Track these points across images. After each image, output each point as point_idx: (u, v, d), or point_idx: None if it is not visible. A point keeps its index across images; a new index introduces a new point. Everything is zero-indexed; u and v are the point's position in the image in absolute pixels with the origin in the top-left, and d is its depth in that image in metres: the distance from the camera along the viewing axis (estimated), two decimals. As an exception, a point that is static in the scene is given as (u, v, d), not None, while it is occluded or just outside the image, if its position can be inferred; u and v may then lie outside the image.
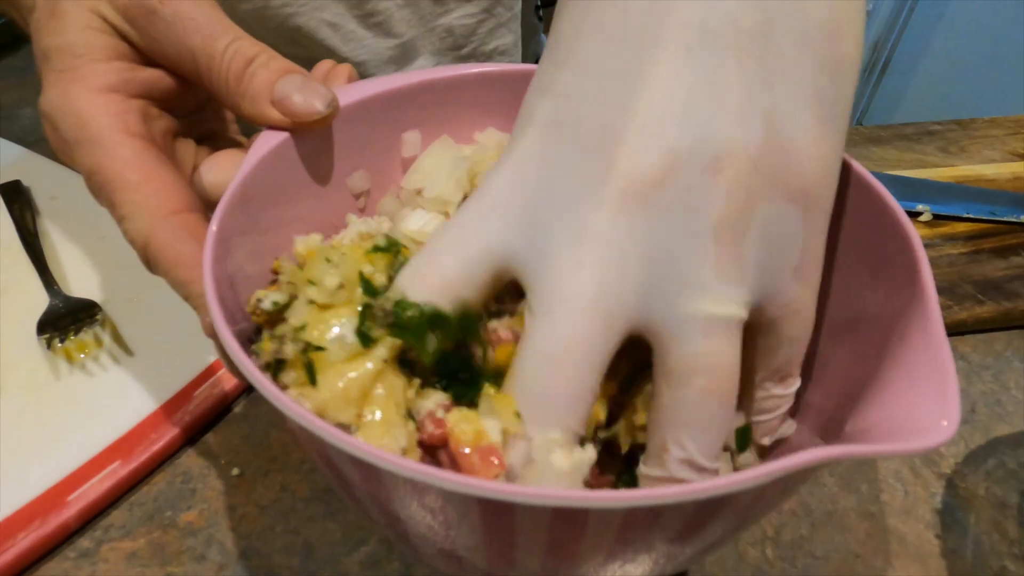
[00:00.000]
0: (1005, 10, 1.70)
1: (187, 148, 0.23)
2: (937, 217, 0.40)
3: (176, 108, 0.22)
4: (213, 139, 0.25)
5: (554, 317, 0.14)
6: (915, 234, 0.16)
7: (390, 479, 0.12)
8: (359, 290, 0.16)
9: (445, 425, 0.15)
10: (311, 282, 0.16)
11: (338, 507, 0.26)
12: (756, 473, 0.11)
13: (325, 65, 0.24)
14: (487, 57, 0.52)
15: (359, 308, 0.16)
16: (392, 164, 0.25)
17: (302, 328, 0.16)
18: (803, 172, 0.14)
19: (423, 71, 0.24)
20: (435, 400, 0.16)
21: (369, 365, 0.15)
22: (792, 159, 0.14)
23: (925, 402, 0.13)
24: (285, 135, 0.20)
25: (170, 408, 0.28)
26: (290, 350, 0.16)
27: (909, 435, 0.13)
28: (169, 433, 0.27)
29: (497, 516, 0.12)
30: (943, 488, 0.27)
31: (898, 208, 0.17)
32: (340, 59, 0.46)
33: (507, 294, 0.17)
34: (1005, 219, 0.40)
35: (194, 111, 0.24)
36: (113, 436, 0.26)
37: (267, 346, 0.16)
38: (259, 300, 0.17)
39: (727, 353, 0.14)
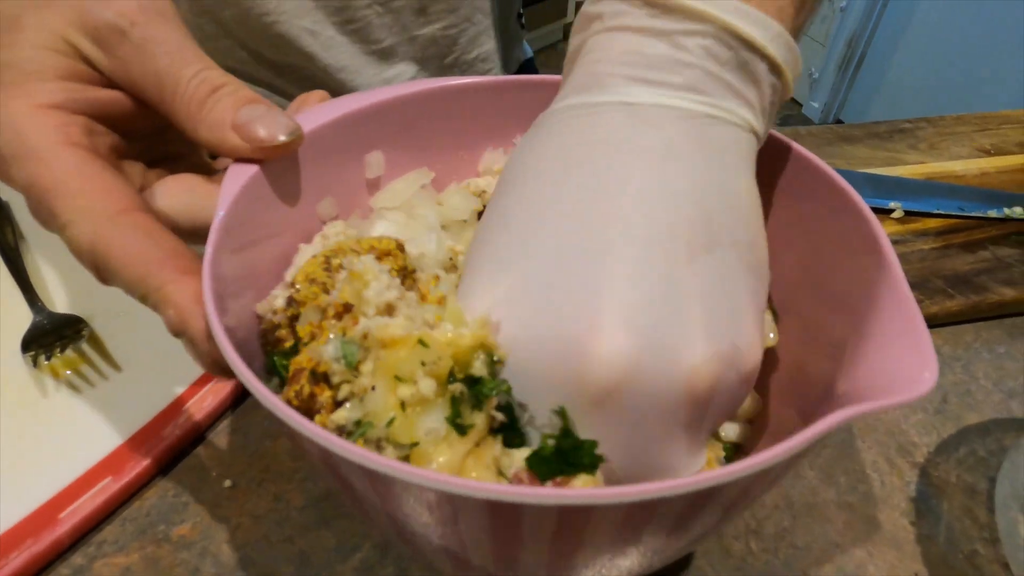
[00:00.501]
0: (971, 9, 1.74)
1: (134, 169, 0.22)
2: (908, 213, 0.41)
3: (131, 130, 0.22)
4: (173, 161, 0.24)
5: None
6: (872, 217, 0.18)
7: (405, 489, 0.13)
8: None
9: (535, 479, 0.16)
10: (399, 379, 0.15)
11: (332, 514, 0.26)
12: (776, 452, 0.12)
13: (298, 101, 0.24)
14: (470, 65, 0.52)
15: (449, 397, 0.15)
16: (359, 188, 0.25)
17: (383, 420, 0.15)
18: (750, 370, 0.17)
19: (386, 88, 0.24)
20: (520, 456, 0.16)
21: (462, 448, 0.15)
22: (742, 354, 0.16)
23: (906, 358, 0.15)
24: (255, 167, 0.20)
25: (160, 422, 0.28)
26: (373, 436, 0.15)
27: (899, 389, 0.14)
28: (159, 447, 0.27)
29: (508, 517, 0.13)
30: (917, 477, 0.28)
31: (856, 196, 0.19)
32: (321, 65, 0.47)
33: None
34: (973, 215, 0.41)
35: (152, 134, 0.23)
36: (103, 452, 0.26)
37: (326, 420, 0.16)
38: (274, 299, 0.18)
39: None
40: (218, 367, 0.18)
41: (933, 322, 0.35)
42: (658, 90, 0.16)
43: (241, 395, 0.30)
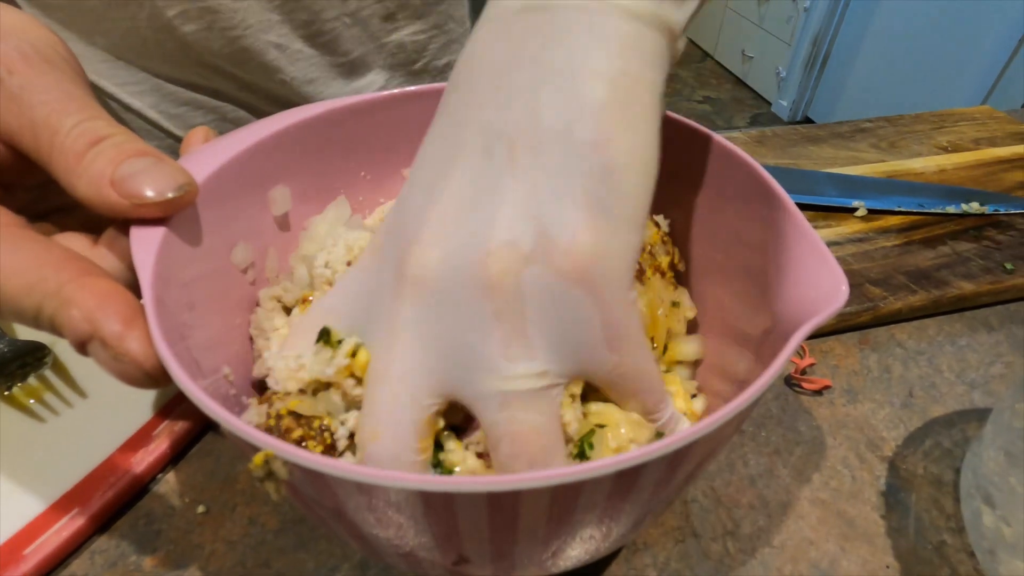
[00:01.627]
0: (928, 10, 1.80)
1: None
2: (872, 212, 0.42)
3: (11, 183, 0.20)
4: (62, 214, 0.22)
5: (372, 390, 0.18)
6: (768, 176, 0.21)
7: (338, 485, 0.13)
8: None
9: None
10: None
11: (309, 536, 0.26)
12: (748, 395, 0.14)
13: (183, 144, 0.23)
14: (440, 72, 0.52)
15: None
16: (268, 228, 0.24)
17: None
18: (575, 260, 0.16)
19: (283, 114, 0.23)
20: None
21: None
22: (561, 249, 0.16)
23: (822, 279, 0.17)
24: (161, 229, 0.18)
25: (128, 449, 0.27)
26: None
27: (823, 306, 0.16)
28: (129, 475, 0.26)
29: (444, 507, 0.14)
30: (886, 471, 0.29)
31: (755, 164, 0.21)
32: (288, 78, 0.46)
33: None
34: (932, 211, 0.42)
35: (36, 187, 0.21)
36: (69, 483, 0.26)
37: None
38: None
39: (527, 420, 0.16)
40: (141, 371, 0.16)
41: (897, 317, 0.36)
42: None
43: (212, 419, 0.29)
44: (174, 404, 0.29)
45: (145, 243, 0.18)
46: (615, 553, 0.25)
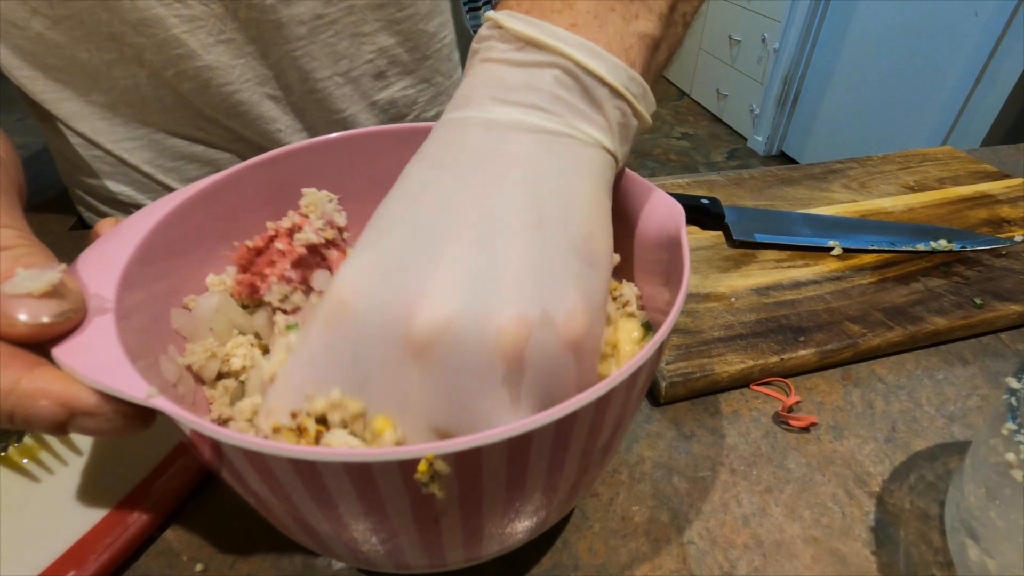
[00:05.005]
0: (891, 52, 1.90)
1: None
2: (846, 251, 0.44)
3: None
4: None
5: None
6: (679, 211, 0.24)
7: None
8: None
9: None
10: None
11: (308, 592, 0.25)
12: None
13: (92, 235, 0.23)
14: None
15: None
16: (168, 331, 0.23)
17: None
18: (572, 334, 0.18)
19: (185, 188, 0.23)
20: None
21: None
22: (561, 326, 0.18)
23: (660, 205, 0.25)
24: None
25: (125, 508, 0.27)
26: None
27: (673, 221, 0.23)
28: (125, 535, 0.26)
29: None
30: (874, 506, 0.29)
31: (667, 200, 0.25)
32: (283, 127, 0.48)
33: None
34: (903, 248, 0.45)
35: None
36: (64, 545, 0.25)
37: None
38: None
39: None
40: (134, 419, 0.17)
41: (877, 353, 0.37)
42: (513, 108, 0.20)
43: (209, 474, 0.29)
44: (169, 461, 0.29)
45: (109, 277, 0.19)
46: (615, 599, 0.26)
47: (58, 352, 0.17)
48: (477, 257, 0.17)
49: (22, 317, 0.16)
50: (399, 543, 0.18)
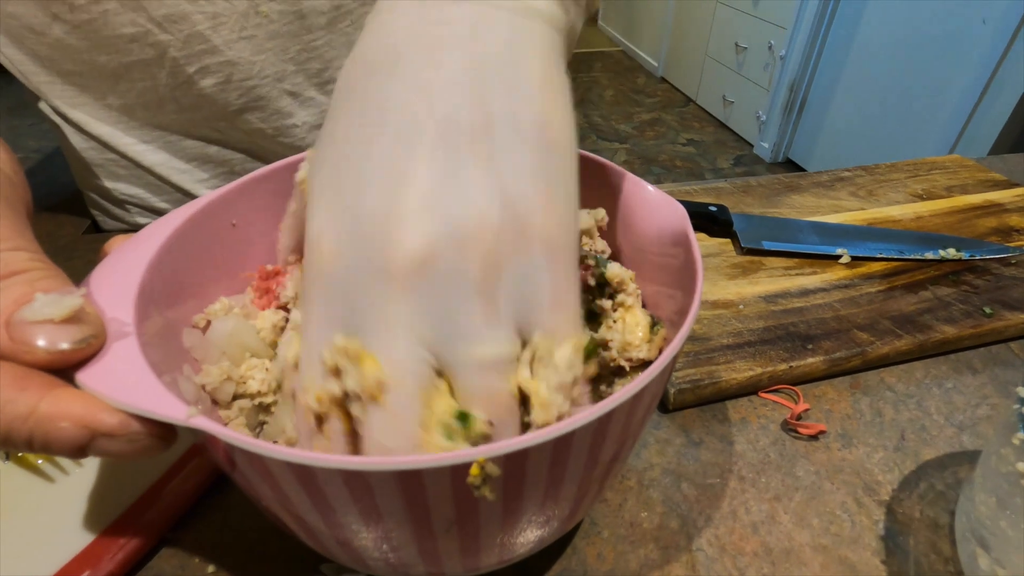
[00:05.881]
0: (897, 58, 1.90)
1: None
2: (855, 258, 0.44)
3: None
4: None
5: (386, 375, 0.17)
6: (681, 210, 0.24)
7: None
8: None
9: None
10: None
11: (319, 595, 0.26)
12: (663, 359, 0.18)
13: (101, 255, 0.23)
14: None
15: None
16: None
17: None
18: (541, 228, 0.17)
19: (178, 210, 0.23)
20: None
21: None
22: (527, 221, 0.17)
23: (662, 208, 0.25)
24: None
25: (139, 508, 0.27)
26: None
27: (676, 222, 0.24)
28: (139, 536, 0.26)
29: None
30: (884, 515, 0.29)
31: (668, 201, 0.25)
32: (298, 123, 0.48)
33: None
34: (912, 257, 0.45)
35: None
36: (79, 546, 0.26)
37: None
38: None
39: (499, 384, 0.17)
40: (157, 440, 0.17)
41: (885, 361, 0.37)
42: None
43: (221, 476, 0.30)
44: (182, 464, 0.29)
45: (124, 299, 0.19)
46: (624, 605, 0.26)
47: (83, 377, 0.17)
48: (436, 173, 0.17)
49: (41, 344, 0.16)
50: (436, 549, 0.18)
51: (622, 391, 0.16)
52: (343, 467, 0.14)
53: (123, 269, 0.20)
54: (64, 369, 0.17)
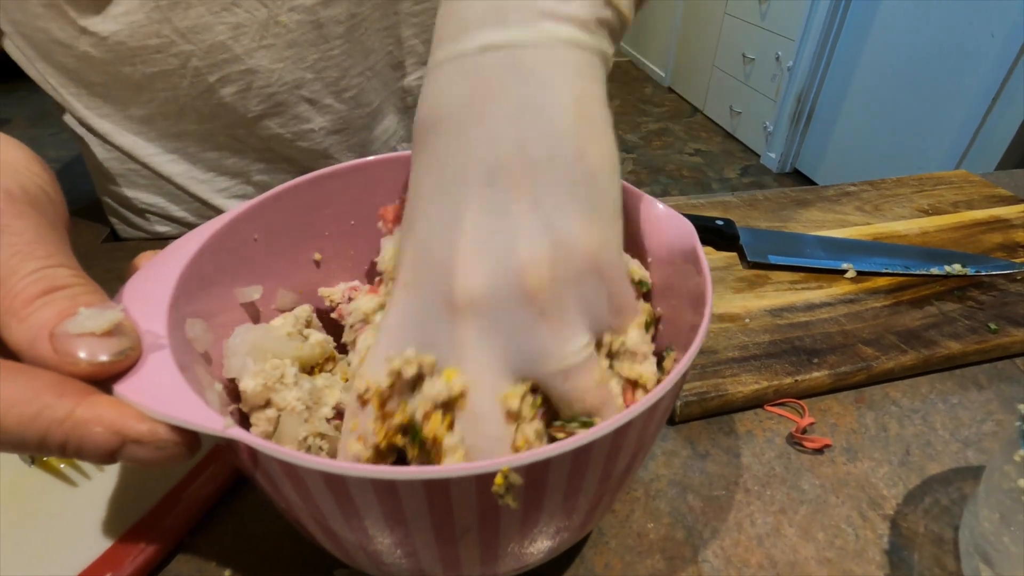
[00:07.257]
0: (905, 72, 1.90)
1: None
2: (860, 273, 0.45)
3: None
4: None
5: (473, 388, 0.20)
6: (690, 227, 0.25)
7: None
8: None
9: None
10: None
11: (333, 600, 0.26)
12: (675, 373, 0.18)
13: (131, 270, 0.23)
14: None
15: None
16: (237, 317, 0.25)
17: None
18: (586, 253, 0.19)
19: (220, 218, 0.24)
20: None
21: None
22: (574, 249, 0.19)
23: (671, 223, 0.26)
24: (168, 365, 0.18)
25: (158, 513, 0.28)
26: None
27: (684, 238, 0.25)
28: (158, 540, 0.27)
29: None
30: (888, 529, 0.30)
31: (677, 218, 0.26)
32: (315, 128, 0.50)
33: None
34: (917, 272, 0.45)
35: None
36: (99, 549, 0.26)
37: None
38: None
39: (586, 380, 0.20)
40: (184, 447, 0.18)
41: (891, 376, 0.38)
42: (475, 34, 0.19)
43: (238, 479, 0.30)
44: (200, 469, 0.30)
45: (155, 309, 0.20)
46: (631, 615, 0.26)
47: (121, 388, 0.17)
48: (486, 213, 0.19)
49: (82, 355, 0.17)
50: (456, 556, 0.19)
51: (638, 404, 0.17)
52: (374, 476, 0.15)
53: (153, 283, 0.21)
54: (103, 380, 0.18)
